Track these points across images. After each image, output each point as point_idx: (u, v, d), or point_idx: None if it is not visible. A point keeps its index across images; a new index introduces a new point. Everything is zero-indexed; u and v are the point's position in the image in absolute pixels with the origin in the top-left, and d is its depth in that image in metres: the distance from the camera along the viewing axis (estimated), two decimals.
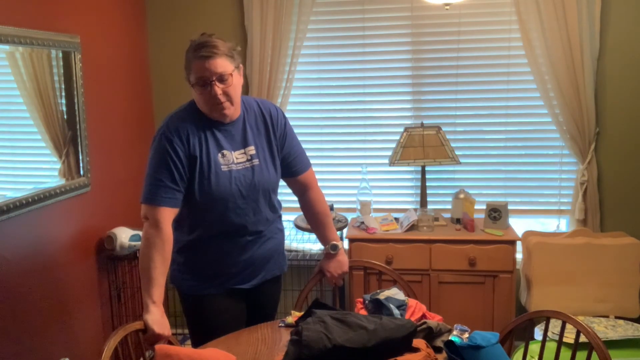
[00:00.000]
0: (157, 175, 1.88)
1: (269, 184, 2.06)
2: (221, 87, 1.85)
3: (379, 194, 3.45)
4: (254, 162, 2.01)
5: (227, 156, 1.95)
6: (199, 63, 1.83)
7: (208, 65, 1.82)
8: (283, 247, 2.26)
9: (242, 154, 1.99)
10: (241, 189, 1.96)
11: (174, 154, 1.87)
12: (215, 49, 1.83)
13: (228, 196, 1.94)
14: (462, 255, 2.94)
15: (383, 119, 3.42)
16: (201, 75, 1.83)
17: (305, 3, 3.22)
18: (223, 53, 1.85)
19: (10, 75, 2.35)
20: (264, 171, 2.03)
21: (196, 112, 1.95)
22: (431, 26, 3.29)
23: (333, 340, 1.59)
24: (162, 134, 1.91)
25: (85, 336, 2.80)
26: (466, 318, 2.86)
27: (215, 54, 1.82)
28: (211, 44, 1.83)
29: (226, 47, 1.87)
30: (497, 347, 1.63)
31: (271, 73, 3.28)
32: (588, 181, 3.15)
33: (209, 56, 1.81)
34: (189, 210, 1.97)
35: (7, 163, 2.36)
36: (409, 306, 1.97)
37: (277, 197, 2.15)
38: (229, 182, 1.94)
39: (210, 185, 1.91)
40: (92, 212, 2.87)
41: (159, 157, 1.89)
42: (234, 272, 2.05)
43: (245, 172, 1.98)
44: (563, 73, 3.06)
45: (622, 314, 2.93)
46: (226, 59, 1.86)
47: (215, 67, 1.82)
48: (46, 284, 2.53)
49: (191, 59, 1.85)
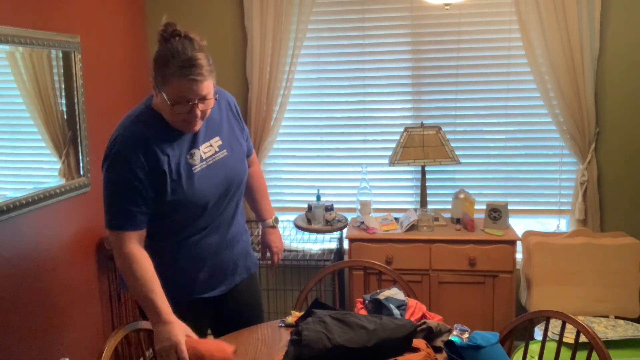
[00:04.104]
0: (117, 201, 1.72)
1: (242, 173, 1.96)
2: (201, 108, 1.72)
3: (379, 194, 3.45)
4: (222, 153, 1.89)
5: (196, 154, 1.82)
6: (184, 83, 1.65)
7: (196, 88, 1.66)
8: (250, 247, 2.15)
9: (209, 147, 1.87)
10: (216, 186, 1.85)
11: (132, 176, 1.70)
12: (202, 70, 1.66)
13: (205, 197, 1.82)
14: (462, 255, 2.94)
15: (383, 119, 3.42)
16: (183, 95, 1.67)
17: (305, 3, 3.22)
18: (208, 73, 1.69)
19: (10, 75, 2.35)
20: (234, 162, 1.92)
21: (154, 115, 1.79)
22: (431, 26, 3.29)
23: (333, 340, 1.59)
24: (115, 153, 1.72)
25: (85, 336, 2.80)
26: (466, 318, 2.86)
27: (203, 76, 1.66)
28: (198, 62, 1.65)
29: (209, 63, 1.70)
30: (497, 347, 1.63)
31: (271, 73, 3.28)
32: (588, 181, 3.15)
33: (196, 80, 1.65)
34: (158, 218, 1.81)
35: (7, 163, 2.36)
36: (409, 306, 1.97)
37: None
38: (204, 182, 1.82)
39: (184, 192, 1.78)
40: (92, 212, 2.87)
41: (117, 181, 1.72)
42: (202, 278, 1.93)
43: (217, 165, 1.86)
44: (563, 73, 3.06)
45: (622, 314, 2.93)
46: (210, 78, 1.70)
47: (201, 91, 1.68)
48: (46, 283, 2.53)
49: (172, 75, 1.65)
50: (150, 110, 1.81)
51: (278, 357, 1.69)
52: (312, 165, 3.49)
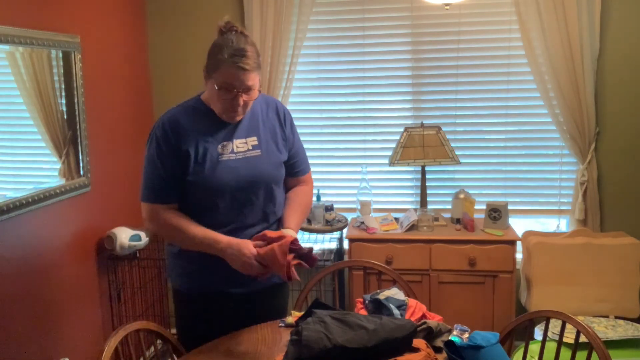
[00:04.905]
0: (151, 174, 1.90)
1: (270, 178, 2.00)
2: (244, 98, 1.85)
3: (379, 194, 3.45)
4: (255, 152, 1.96)
5: (228, 146, 1.93)
6: (232, 71, 1.80)
7: (242, 76, 1.80)
8: None
9: (244, 143, 1.95)
10: (238, 179, 1.91)
11: (159, 151, 1.88)
12: (251, 61, 1.81)
13: (223, 185, 1.90)
14: (462, 255, 2.94)
15: (383, 119, 3.42)
16: (231, 82, 1.81)
17: (305, 3, 3.22)
18: (256, 66, 1.84)
19: (10, 75, 2.35)
20: (264, 164, 1.97)
21: (198, 106, 1.95)
22: (431, 26, 3.29)
23: (333, 340, 1.59)
24: (152, 133, 1.93)
25: (85, 336, 2.80)
26: (466, 318, 2.86)
27: (251, 66, 1.81)
28: (247, 54, 1.81)
29: (257, 58, 1.85)
30: (497, 347, 1.63)
31: (271, 73, 3.28)
32: (588, 181, 3.15)
33: (245, 69, 1.80)
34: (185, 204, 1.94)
35: (7, 163, 2.36)
36: (409, 306, 1.97)
37: (282, 195, 2.07)
38: (227, 172, 1.90)
39: (204, 176, 1.88)
40: (92, 212, 2.87)
41: (150, 154, 1.91)
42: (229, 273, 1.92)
43: (245, 161, 1.94)
44: (563, 73, 3.06)
45: (622, 314, 2.93)
46: (257, 72, 1.85)
47: (247, 80, 1.82)
48: (46, 284, 2.53)
49: (223, 61, 1.80)
50: (197, 101, 1.96)
51: (278, 357, 1.69)
52: (312, 165, 3.47)
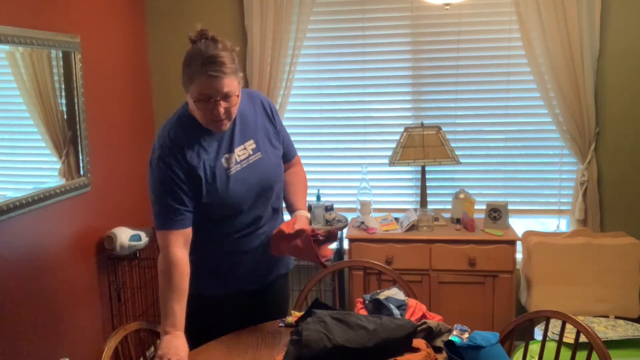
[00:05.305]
0: (163, 201, 1.82)
1: (276, 176, 2.01)
2: (224, 106, 1.78)
3: (379, 194, 3.45)
4: (256, 156, 1.95)
5: (231, 158, 1.90)
6: (205, 81, 1.73)
7: (216, 84, 1.73)
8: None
9: (243, 149, 1.94)
10: (251, 188, 1.91)
11: (174, 176, 1.80)
12: (223, 67, 1.73)
13: (240, 199, 1.89)
14: (462, 255, 2.94)
15: (383, 119, 3.42)
16: (206, 92, 1.74)
17: (305, 3, 3.22)
18: (231, 71, 1.75)
19: (10, 75, 2.35)
20: (267, 165, 1.97)
21: (191, 120, 1.87)
22: (431, 26, 3.29)
23: (333, 340, 1.59)
24: (158, 157, 1.83)
25: (85, 336, 2.80)
26: (466, 318, 2.86)
27: (224, 73, 1.73)
28: (219, 59, 1.72)
29: (233, 62, 1.77)
30: (497, 347, 1.63)
31: (271, 73, 3.28)
32: (588, 181, 3.15)
33: (217, 76, 1.72)
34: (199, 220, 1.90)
35: (7, 163, 2.36)
36: (409, 306, 1.97)
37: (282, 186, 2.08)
38: (239, 184, 1.89)
39: (218, 194, 1.85)
40: (92, 212, 2.87)
41: (160, 182, 1.82)
42: (242, 272, 2.00)
43: (250, 168, 1.93)
44: (563, 73, 3.06)
45: (622, 314, 2.93)
46: (233, 77, 1.76)
47: (222, 88, 1.74)
48: (46, 284, 2.53)
49: (195, 73, 1.74)
50: (186, 116, 1.88)
51: (278, 357, 1.69)
52: (312, 165, 3.49)
